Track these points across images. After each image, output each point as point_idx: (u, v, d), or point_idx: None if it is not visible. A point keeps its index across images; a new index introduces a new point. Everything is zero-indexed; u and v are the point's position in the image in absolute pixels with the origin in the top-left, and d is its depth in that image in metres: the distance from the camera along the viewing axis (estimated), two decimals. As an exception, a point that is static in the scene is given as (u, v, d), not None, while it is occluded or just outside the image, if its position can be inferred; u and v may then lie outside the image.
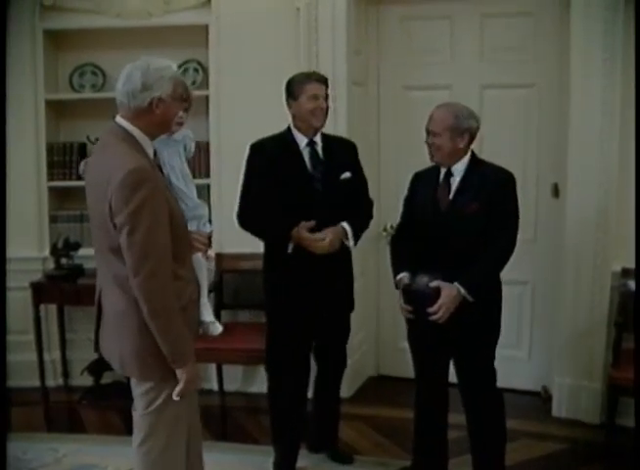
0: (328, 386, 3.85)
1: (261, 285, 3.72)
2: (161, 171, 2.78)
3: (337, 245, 3.54)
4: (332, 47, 4.58)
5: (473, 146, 3.39)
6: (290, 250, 3.49)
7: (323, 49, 4.59)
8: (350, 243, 3.62)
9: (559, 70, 4.56)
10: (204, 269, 2.96)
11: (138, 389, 2.73)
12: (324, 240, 3.48)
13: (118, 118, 2.66)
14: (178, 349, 2.57)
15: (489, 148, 3.37)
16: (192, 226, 2.89)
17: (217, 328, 2.97)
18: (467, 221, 3.27)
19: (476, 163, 3.38)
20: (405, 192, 3.66)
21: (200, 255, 2.91)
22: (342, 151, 3.69)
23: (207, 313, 2.94)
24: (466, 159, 3.36)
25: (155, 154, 2.75)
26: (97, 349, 2.88)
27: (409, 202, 3.61)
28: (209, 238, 2.99)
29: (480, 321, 3.31)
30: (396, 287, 3.48)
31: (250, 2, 4.79)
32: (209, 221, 3.06)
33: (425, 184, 3.49)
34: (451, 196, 3.34)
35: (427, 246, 3.38)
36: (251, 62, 4.75)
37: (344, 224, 3.59)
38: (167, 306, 2.53)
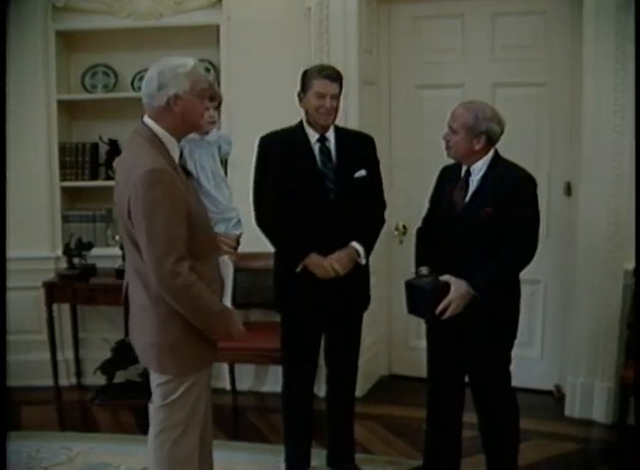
0: (339, 388, 3.78)
1: (271, 284, 3.69)
2: (186, 172, 2.79)
3: (349, 267, 3.46)
4: (343, 46, 4.57)
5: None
6: (298, 269, 3.44)
7: (334, 48, 4.58)
8: (363, 261, 3.52)
9: (571, 68, 4.55)
10: (230, 272, 2.96)
11: (156, 380, 2.77)
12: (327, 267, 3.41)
13: (145, 118, 2.69)
14: (214, 323, 2.71)
15: (501, 146, 3.35)
16: (219, 229, 2.91)
17: None
18: (481, 225, 3.23)
19: (497, 164, 3.31)
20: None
21: (227, 257, 2.93)
22: (356, 147, 3.55)
23: None
24: (486, 159, 3.30)
25: (181, 155, 2.77)
26: (127, 335, 2.94)
27: (433, 196, 3.58)
28: (238, 240, 3.02)
29: (492, 323, 3.29)
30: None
31: (261, 2, 4.80)
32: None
33: (448, 181, 3.46)
34: (467, 198, 3.31)
35: (443, 246, 3.37)
36: (263, 61, 4.76)
37: (356, 245, 3.48)
38: (193, 300, 2.61)
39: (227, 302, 2.92)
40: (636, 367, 3.52)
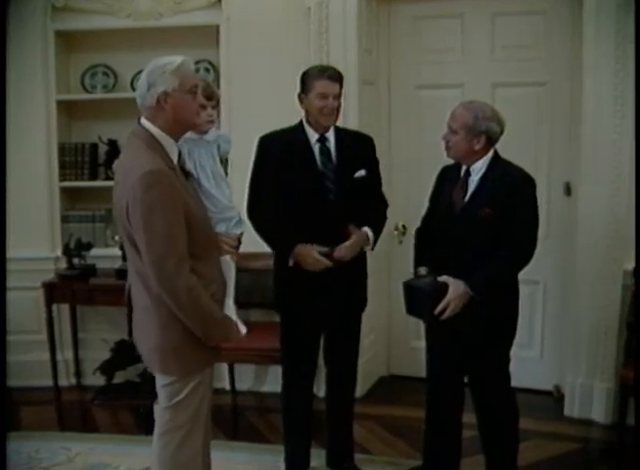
0: (339, 389, 3.77)
1: (271, 284, 3.69)
2: (185, 172, 2.78)
3: (356, 252, 3.47)
4: (343, 46, 4.57)
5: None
6: (290, 264, 3.45)
7: (334, 48, 4.58)
8: (369, 249, 3.56)
9: (571, 68, 4.55)
10: (232, 271, 2.96)
11: (161, 381, 2.77)
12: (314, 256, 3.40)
13: (142, 119, 2.69)
14: (212, 329, 2.68)
15: (501, 147, 3.35)
16: (220, 228, 2.90)
17: (242, 329, 2.98)
18: (479, 226, 3.23)
19: (496, 164, 3.31)
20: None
21: (228, 257, 2.92)
22: (356, 147, 3.56)
23: (232, 316, 2.92)
24: (486, 159, 3.30)
25: (179, 155, 2.76)
26: (131, 335, 2.93)
27: (433, 196, 3.57)
28: (239, 239, 3.01)
29: (491, 323, 3.29)
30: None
31: (260, 2, 4.80)
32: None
33: (449, 180, 3.45)
34: (466, 199, 3.31)
35: (442, 246, 3.36)
36: (262, 61, 4.76)
37: (368, 230, 3.51)
38: (194, 302, 2.59)
39: (230, 301, 2.92)
40: (636, 367, 3.52)
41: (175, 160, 2.71)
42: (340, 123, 3.68)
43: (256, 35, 4.76)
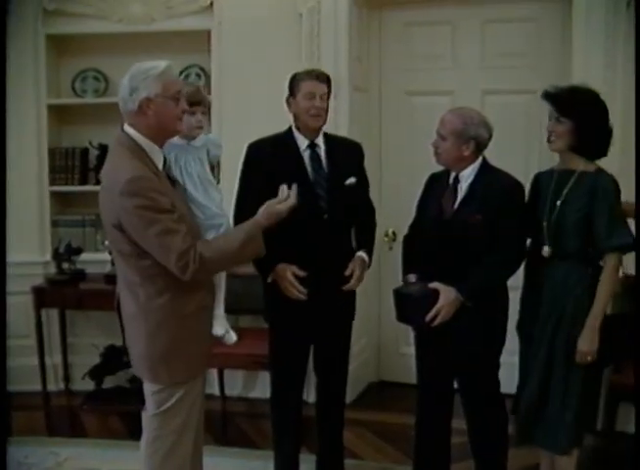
0: (329, 396, 3.75)
1: (261, 290, 3.67)
2: (170, 179, 2.74)
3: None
4: (334, 52, 4.59)
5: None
6: (269, 280, 3.43)
7: (325, 54, 4.60)
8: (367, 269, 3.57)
9: (561, 75, 4.55)
10: (222, 280, 2.94)
11: (149, 389, 2.76)
12: (302, 292, 3.35)
13: (125, 126, 2.67)
14: (249, 251, 2.76)
15: (491, 154, 3.36)
16: (209, 236, 2.85)
17: (232, 337, 2.96)
18: (469, 232, 3.23)
19: (485, 170, 3.32)
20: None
21: None
22: (346, 153, 3.53)
23: (220, 327, 2.91)
24: (475, 165, 3.30)
25: (165, 161, 2.73)
26: (124, 341, 2.92)
27: (420, 203, 3.57)
28: None
29: (481, 329, 3.29)
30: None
31: (252, 7, 4.80)
32: None
33: (437, 187, 3.45)
34: (456, 205, 3.31)
35: (431, 253, 3.36)
36: (253, 67, 4.76)
37: (364, 256, 3.52)
38: (219, 262, 2.66)
39: (220, 311, 2.91)
40: (636, 373, 3.51)
41: (160, 166, 2.68)
42: (331, 130, 3.67)
43: (248, 41, 4.77)
